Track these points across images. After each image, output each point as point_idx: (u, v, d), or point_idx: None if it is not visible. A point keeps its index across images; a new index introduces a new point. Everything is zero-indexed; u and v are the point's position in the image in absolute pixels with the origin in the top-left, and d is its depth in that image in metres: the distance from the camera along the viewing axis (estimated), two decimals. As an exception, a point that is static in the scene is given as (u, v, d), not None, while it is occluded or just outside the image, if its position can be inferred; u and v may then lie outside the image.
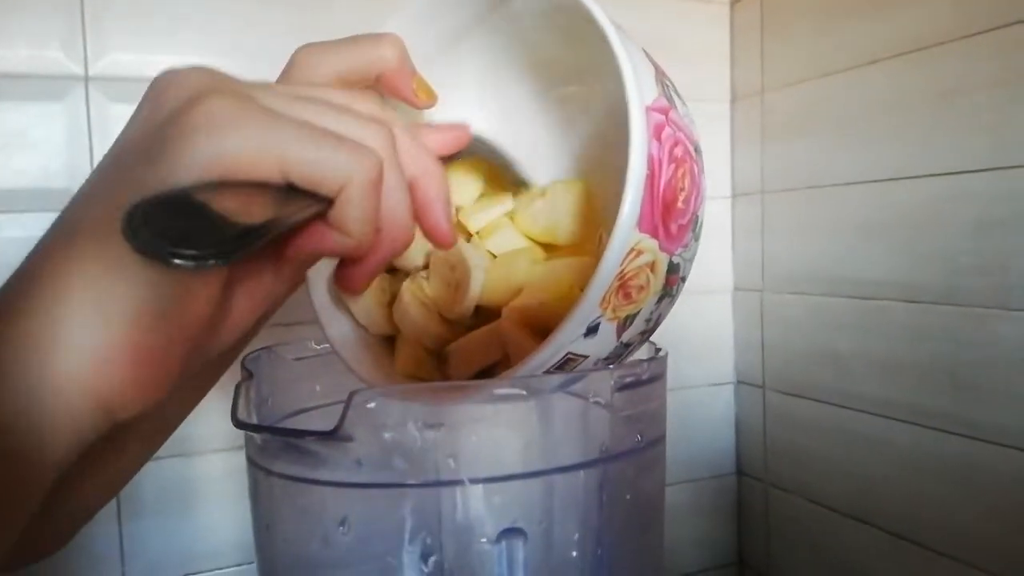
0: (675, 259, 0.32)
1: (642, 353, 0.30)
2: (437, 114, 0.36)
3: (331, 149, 0.25)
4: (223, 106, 0.25)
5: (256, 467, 0.30)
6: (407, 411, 0.25)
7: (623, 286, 0.27)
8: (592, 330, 0.27)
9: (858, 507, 0.70)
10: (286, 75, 0.31)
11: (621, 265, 0.27)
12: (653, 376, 0.29)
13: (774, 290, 0.79)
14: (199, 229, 0.20)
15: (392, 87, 0.32)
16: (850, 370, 0.70)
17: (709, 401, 0.84)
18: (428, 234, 0.30)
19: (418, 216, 0.29)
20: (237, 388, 0.28)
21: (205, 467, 0.65)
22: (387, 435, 0.25)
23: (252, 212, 0.22)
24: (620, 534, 0.28)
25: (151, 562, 0.64)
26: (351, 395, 0.24)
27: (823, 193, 0.72)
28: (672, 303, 0.33)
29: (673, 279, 0.32)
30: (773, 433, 0.80)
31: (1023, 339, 0.56)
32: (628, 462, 0.29)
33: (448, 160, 0.33)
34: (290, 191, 0.24)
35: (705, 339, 0.84)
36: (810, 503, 0.75)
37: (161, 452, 0.63)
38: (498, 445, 0.27)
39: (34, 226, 0.60)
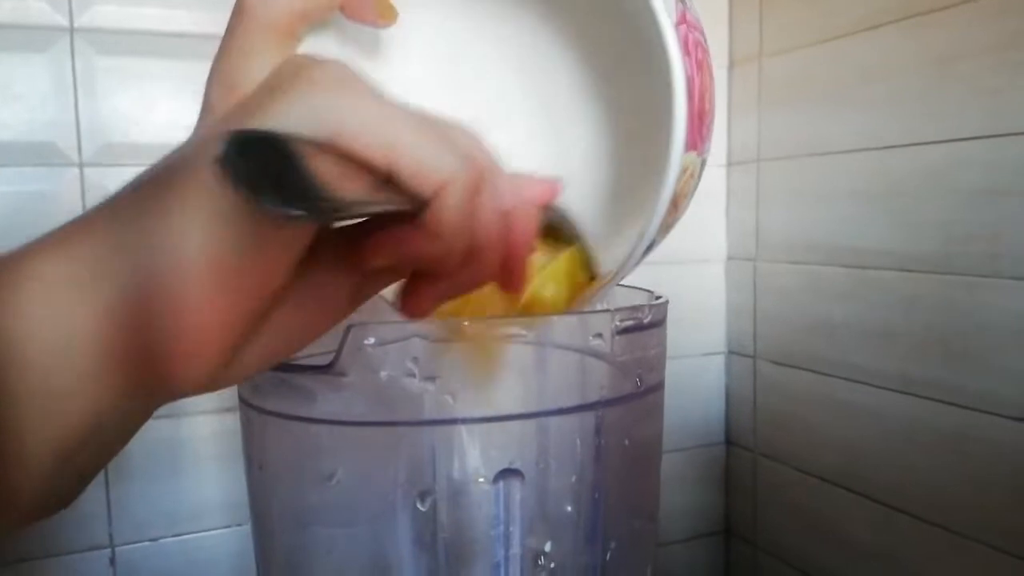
0: (705, 155, 0.32)
1: (641, 300, 0.30)
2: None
3: (440, 147, 0.24)
4: (352, 75, 0.25)
5: (248, 407, 0.29)
6: (405, 348, 0.25)
7: (673, 202, 0.28)
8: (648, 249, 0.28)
9: (848, 477, 0.70)
10: (239, 16, 0.30)
11: (674, 191, 0.28)
12: (654, 321, 0.29)
13: (768, 259, 0.78)
14: (293, 180, 0.19)
15: (355, 11, 0.32)
16: (842, 340, 0.70)
17: (700, 371, 0.84)
18: (505, 270, 0.28)
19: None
20: None
21: (193, 429, 0.65)
22: (383, 373, 0.25)
23: (345, 189, 0.22)
24: (617, 480, 0.28)
25: (139, 523, 0.64)
26: (347, 329, 0.24)
27: (819, 161, 0.71)
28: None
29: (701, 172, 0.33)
30: (763, 403, 0.80)
31: (1017, 308, 0.56)
32: (627, 407, 0.28)
33: None
34: (387, 184, 0.24)
35: (697, 309, 0.84)
36: (799, 473, 0.76)
37: (148, 412, 0.64)
38: (497, 385, 0.26)
39: (18, 180, 0.59)
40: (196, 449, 0.65)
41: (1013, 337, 0.56)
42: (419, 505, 0.26)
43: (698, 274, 0.83)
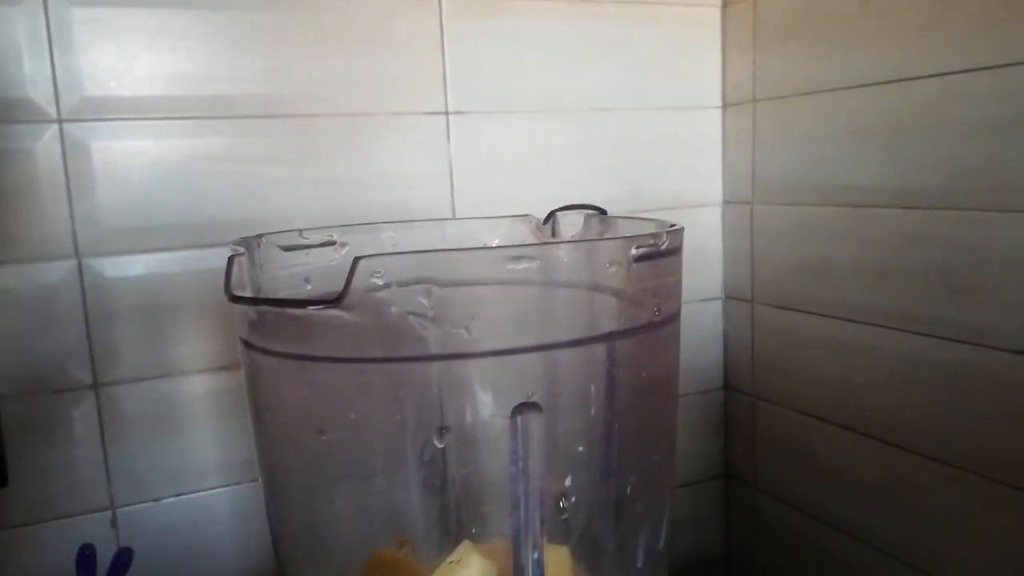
0: None
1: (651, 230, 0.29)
2: None
3: None
4: None
5: (252, 349, 0.28)
6: (416, 279, 0.24)
7: None
8: None
9: (846, 415, 0.71)
10: None
11: None
12: (671, 248, 0.28)
13: (765, 202, 0.78)
14: None
15: None
16: (841, 280, 0.70)
17: (697, 317, 0.83)
18: None
19: None
20: (230, 261, 0.27)
21: (188, 387, 0.64)
22: (394, 308, 0.24)
23: None
24: (636, 412, 0.27)
25: (138, 483, 0.63)
26: (355, 261, 0.23)
27: (816, 99, 0.70)
28: None
29: None
30: (761, 347, 0.80)
31: (1021, 241, 0.55)
32: (644, 337, 0.28)
33: None
34: None
35: (693, 255, 0.83)
36: (798, 414, 0.76)
37: (143, 373, 0.63)
38: (512, 317, 0.25)
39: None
40: (192, 408, 0.64)
41: (1015, 270, 0.56)
42: (436, 442, 0.25)
43: (694, 219, 0.82)
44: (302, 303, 0.24)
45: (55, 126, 0.59)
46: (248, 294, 0.28)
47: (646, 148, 0.78)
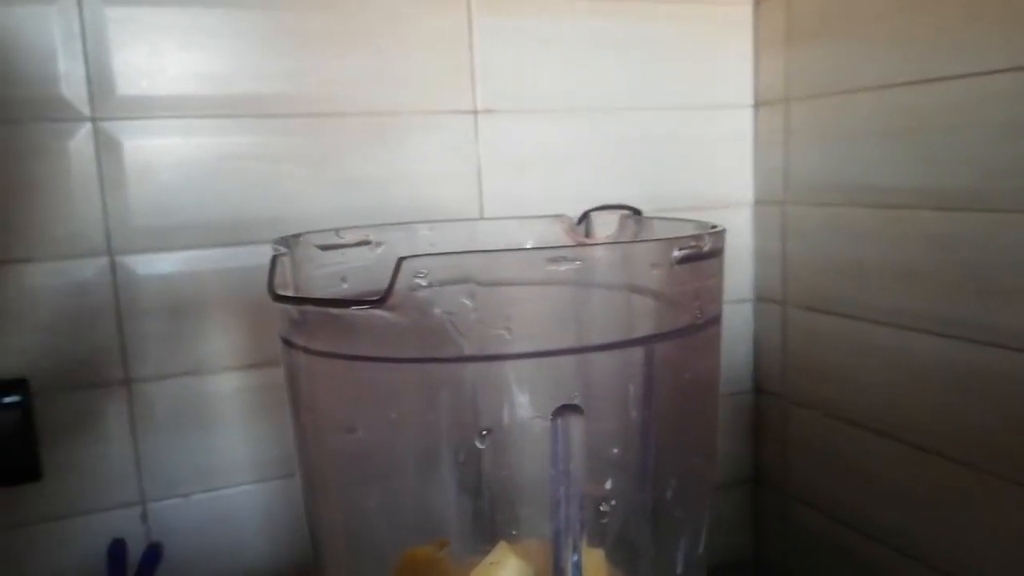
0: None
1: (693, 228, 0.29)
2: None
3: None
4: None
5: (293, 347, 0.28)
6: (457, 279, 0.24)
7: None
8: None
9: (877, 419, 0.69)
10: None
11: None
12: (713, 250, 0.28)
13: (797, 202, 0.76)
14: None
15: None
16: (873, 282, 0.69)
17: (726, 319, 0.82)
18: None
19: None
20: (273, 261, 0.26)
21: (218, 385, 0.64)
22: (436, 308, 0.23)
23: None
24: (676, 416, 0.27)
25: (168, 479, 0.64)
26: (399, 262, 0.22)
27: (850, 99, 0.69)
28: None
29: None
30: (792, 349, 0.79)
31: (1059, 241, 0.54)
32: (686, 340, 0.27)
33: None
34: None
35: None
36: (829, 417, 0.75)
37: (173, 370, 0.63)
38: (552, 319, 0.25)
39: (31, 135, 0.58)
40: (221, 405, 0.65)
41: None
42: (477, 443, 0.25)
43: (724, 219, 0.80)
44: (346, 303, 0.24)
45: (89, 124, 0.59)
46: (290, 293, 0.28)
47: (676, 147, 0.77)
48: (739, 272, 0.83)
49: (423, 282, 0.23)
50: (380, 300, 0.22)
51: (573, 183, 0.74)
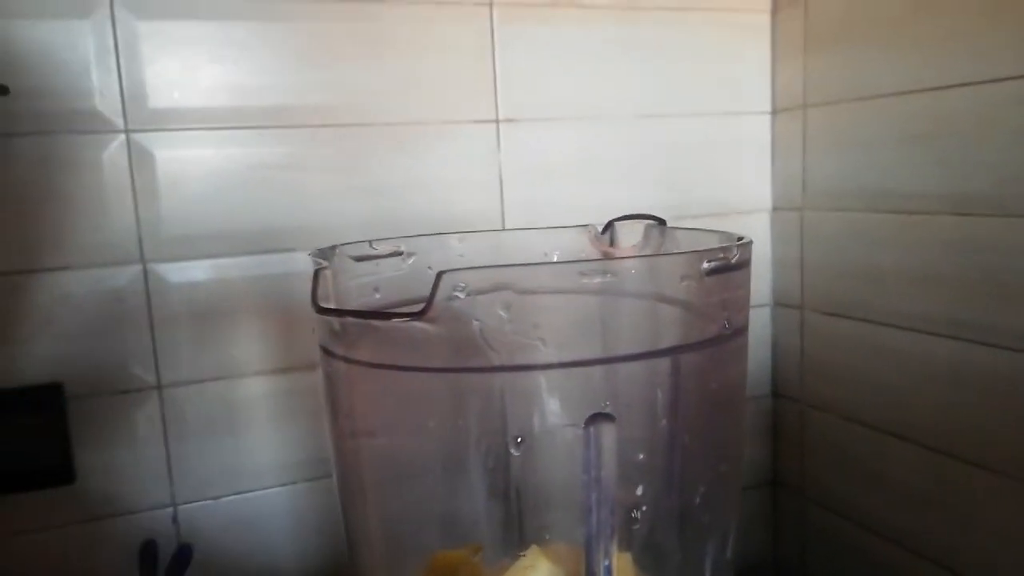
0: None
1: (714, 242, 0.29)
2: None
3: None
4: None
5: (333, 357, 0.29)
6: (495, 295, 0.25)
7: None
8: None
9: (896, 423, 0.70)
10: None
11: None
12: (741, 262, 0.29)
13: (815, 208, 0.77)
14: None
15: None
16: (890, 287, 0.69)
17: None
18: None
19: None
20: (316, 274, 0.28)
21: (247, 390, 0.66)
22: (474, 321, 0.25)
23: None
24: (705, 424, 0.28)
25: (199, 481, 0.65)
26: (439, 276, 0.24)
27: (868, 105, 0.70)
28: None
29: None
30: (810, 353, 0.79)
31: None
32: (714, 350, 0.28)
33: None
34: None
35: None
36: (847, 421, 0.75)
37: (203, 375, 0.65)
38: (584, 330, 0.26)
39: (65, 147, 0.59)
40: (250, 410, 0.66)
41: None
42: (513, 451, 0.26)
43: (742, 226, 0.82)
44: (388, 315, 0.25)
45: (122, 136, 0.61)
46: (330, 304, 0.29)
47: (694, 154, 0.78)
48: (758, 278, 0.83)
49: (461, 295, 0.24)
50: (420, 312, 0.23)
51: (593, 191, 0.75)
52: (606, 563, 0.24)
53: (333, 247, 0.30)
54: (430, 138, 0.69)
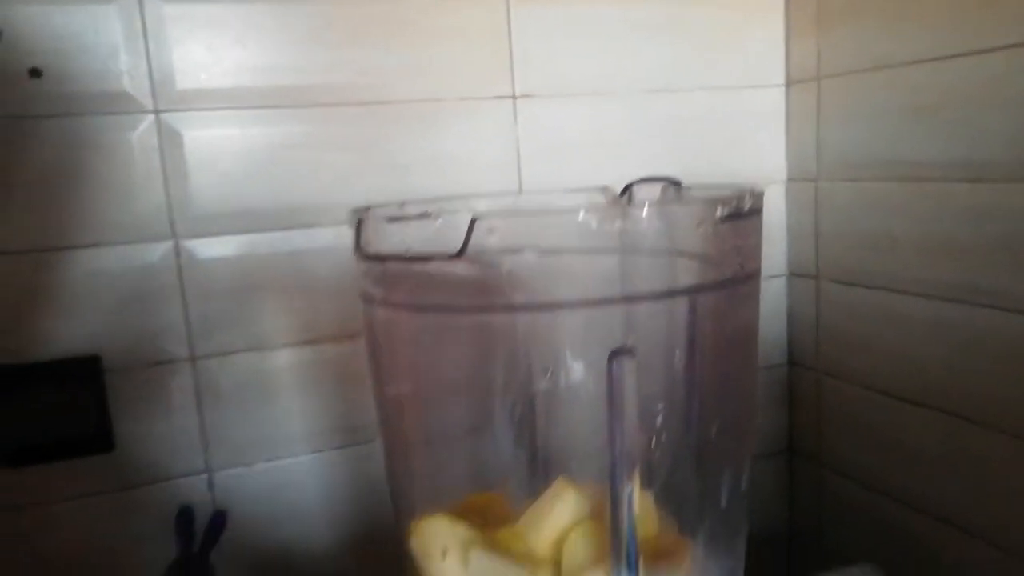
0: None
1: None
2: None
3: None
4: None
5: (373, 303, 0.31)
6: (524, 239, 0.26)
7: None
8: None
9: (911, 389, 0.71)
10: None
11: None
12: (753, 209, 0.30)
13: (829, 178, 0.78)
14: None
15: None
16: (906, 255, 0.70)
17: (761, 295, 0.84)
18: None
19: None
20: (358, 224, 0.30)
21: (277, 360, 0.68)
22: (502, 264, 0.26)
23: None
24: (721, 362, 0.30)
25: (232, 449, 0.67)
26: (472, 220, 0.25)
27: (882, 75, 0.70)
28: None
29: None
30: (826, 322, 0.81)
31: (1092, 208, 0.55)
32: (729, 292, 0.30)
33: None
34: None
35: (756, 232, 0.84)
36: (863, 388, 0.76)
37: (235, 347, 0.67)
38: (605, 275, 0.28)
39: (95, 128, 0.61)
40: (280, 380, 0.68)
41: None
42: (543, 383, 0.28)
43: (757, 197, 0.82)
44: (427, 258, 0.27)
45: (151, 117, 0.63)
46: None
47: (708, 127, 0.79)
48: (773, 248, 0.84)
49: (493, 239, 0.26)
50: (457, 254, 0.25)
51: (610, 165, 0.76)
52: (629, 489, 0.26)
53: (367, 207, 0.32)
54: (448, 115, 0.70)
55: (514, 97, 0.72)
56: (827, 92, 0.77)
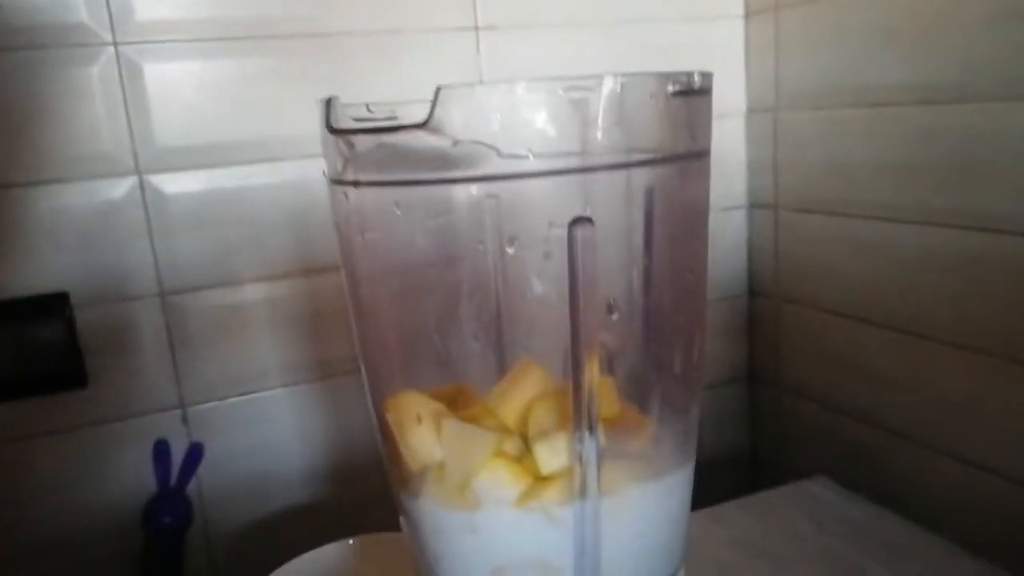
0: None
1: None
2: None
3: None
4: None
5: (342, 184, 0.32)
6: (489, 105, 0.28)
7: None
8: None
9: (868, 310, 0.74)
10: None
11: None
12: (703, 88, 0.31)
13: (787, 108, 0.80)
14: None
15: None
16: (862, 180, 0.72)
17: (721, 226, 0.86)
18: None
19: None
20: (328, 102, 0.31)
21: (247, 295, 0.68)
22: (468, 136, 0.27)
23: None
24: (674, 234, 0.31)
25: (205, 384, 0.68)
26: (438, 89, 0.26)
27: (836, 3, 0.72)
28: None
29: None
30: (785, 251, 0.83)
31: (1035, 125, 0.57)
32: (683, 165, 0.31)
33: None
34: None
35: (716, 164, 0.85)
36: (821, 312, 0.79)
37: (205, 282, 0.67)
38: (572, 139, 0.29)
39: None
40: (251, 315, 0.69)
41: (1031, 154, 0.58)
42: (509, 249, 0.29)
43: (717, 128, 0.84)
44: (394, 128, 0.28)
45: (111, 49, 0.62)
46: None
47: (670, 58, 0.80)
48: (733, 180, 0.86)
49: (456, 112, 0.27)
50: (423, 123, 0.26)
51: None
52: (588, 357, 0.27)
53: (330, 99, 0.32)
54: (410, 47, 0.70)
55: (476, 28, 0.73)
56: (785, 22, 0.78)
